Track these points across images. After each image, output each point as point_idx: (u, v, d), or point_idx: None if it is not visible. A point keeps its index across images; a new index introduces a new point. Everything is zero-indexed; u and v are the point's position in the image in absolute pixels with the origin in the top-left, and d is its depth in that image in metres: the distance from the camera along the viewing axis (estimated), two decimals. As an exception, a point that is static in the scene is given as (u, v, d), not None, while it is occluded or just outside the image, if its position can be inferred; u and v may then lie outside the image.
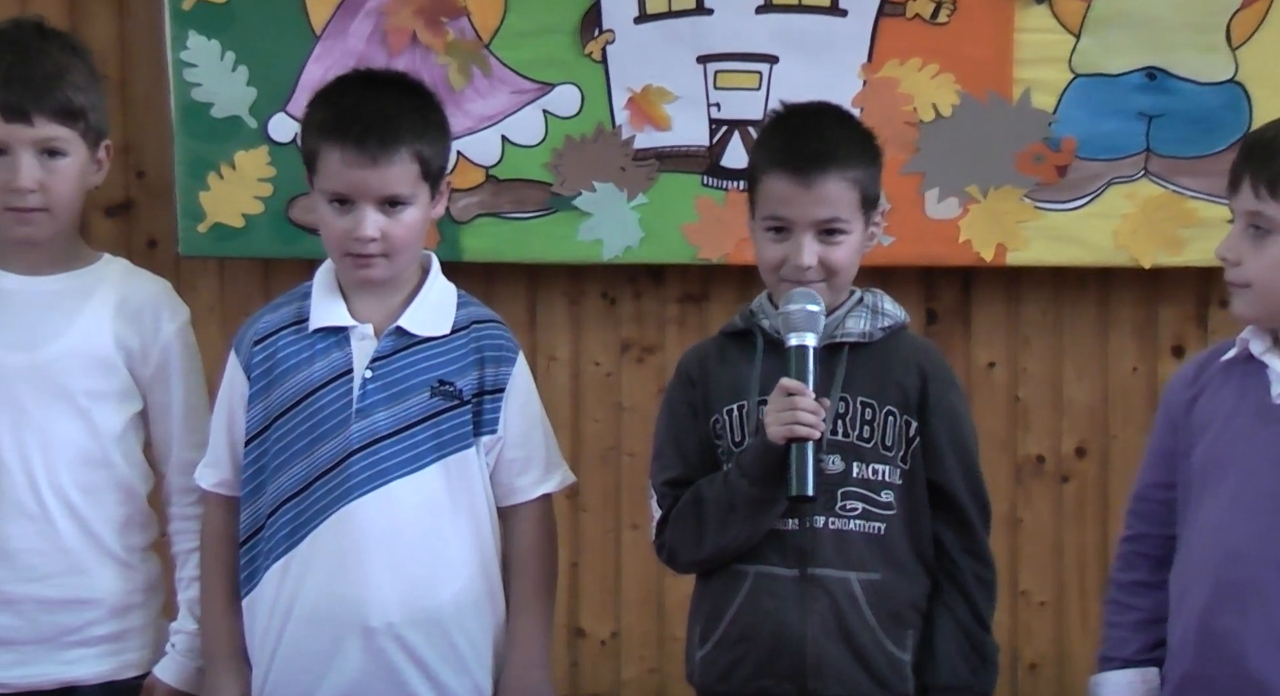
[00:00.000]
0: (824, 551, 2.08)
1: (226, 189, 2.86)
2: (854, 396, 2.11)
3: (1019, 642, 2.95)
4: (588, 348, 2.96)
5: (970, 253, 2.86)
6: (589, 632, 3.00)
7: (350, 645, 2.11)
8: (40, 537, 2.17)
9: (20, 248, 2.20)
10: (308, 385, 2.14)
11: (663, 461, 2.19)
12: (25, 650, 2.18)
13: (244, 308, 2.92)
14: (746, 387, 2.13)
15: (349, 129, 2.09)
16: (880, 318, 2.15)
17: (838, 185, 2.09)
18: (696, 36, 2.83)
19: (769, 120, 2.21)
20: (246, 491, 2.16)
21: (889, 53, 2.83)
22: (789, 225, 2.10)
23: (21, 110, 2.14)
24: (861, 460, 2.10)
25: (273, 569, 2.13)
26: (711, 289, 2.95)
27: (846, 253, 2.11)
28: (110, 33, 2.89)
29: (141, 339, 2.24)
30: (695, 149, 2.86)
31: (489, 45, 2.85)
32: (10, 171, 2.14)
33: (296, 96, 2.84)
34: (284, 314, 2.19)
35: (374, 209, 2.09)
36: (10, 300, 2.20)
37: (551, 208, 2.88)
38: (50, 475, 2.18)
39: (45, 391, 2.18)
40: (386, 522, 2.12)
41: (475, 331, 2.18)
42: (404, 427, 2.12)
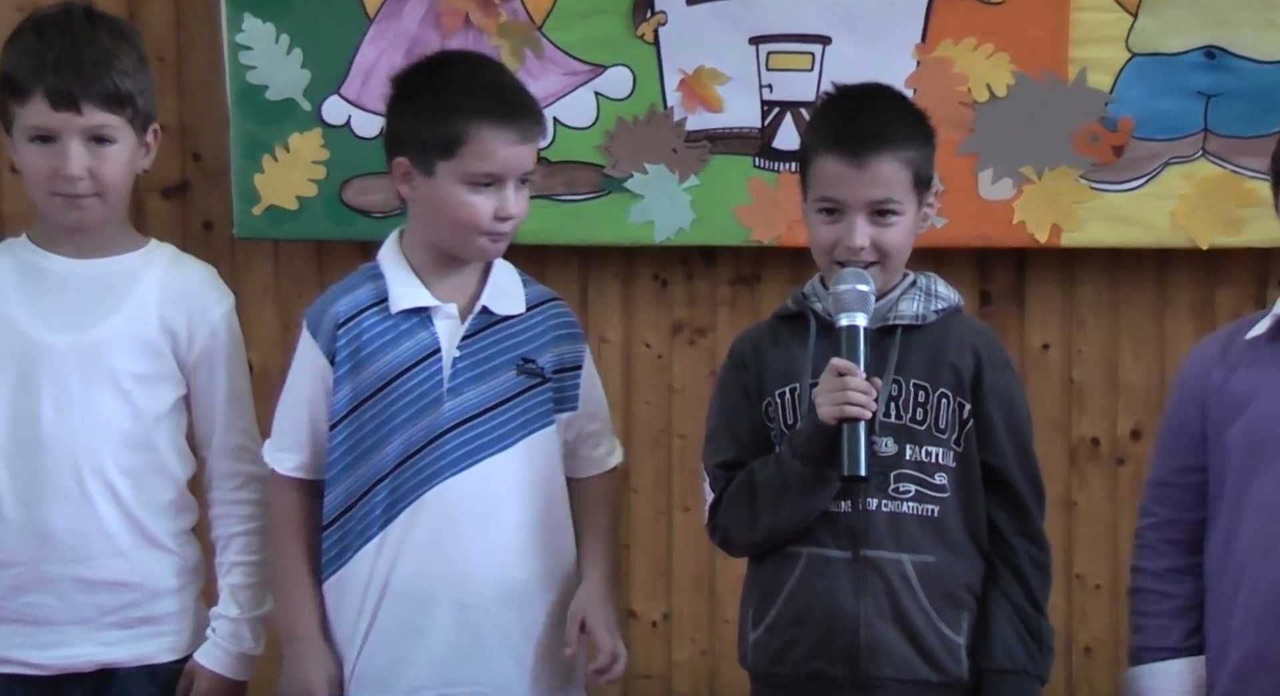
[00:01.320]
0: (877, 533, 2.08)
1: (281, 171, 2.87)
2: (907, 379, 2.10)
3: (1074, 626, 2.93)
4: (639, 329, 2.96)
5: (1024, 234, 2.84)
6: (640, 614, 3.01)
7: (444, 620, 2.14)
8: (80, 518, 2.19)
9: (69, 232, 2.22)
10: (396, 366, 2.16)
11: (715, 444, 2.19)
12: (63, 630, 2.20)
13: (298, 289, 2.95)
14: (799, 370, 2.13)
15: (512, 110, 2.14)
16: (934, 300, 2.14)
17: (890, 165, 2.09)
18: (749, 17, 2.82)
19: (820, 102, 2.21)
20: (334, 473, 2.17)
21: (943, 33, 2.81)
22: (841, 207, 2.10)
23: (70, 98, 2.14)
24: (915, 442, 2.10)
25: (366, 547, 2.15)
26: (763, 271, 2.94)
27: (899, 234, 2.10)
28: (167, 16, 2.91)
29: (188, 323, 2.25)
30: (747, 130, 2.86)
31: (541, 27, 2.85)
32: (60, 159, 2.15)
33: (350, 79, 2.85)
34: (361, 296, 2.20)
35: (515, 187, 2.15)
36: (58, 282, 2.21)
37: (603, 190, 2.88)
38: (92, 456, 2.19)
39: (90, 372, 2.19)
40: (479, 500, 2.15)
41: (548, 309, 2.22)
42: (493, 405, 2.16)
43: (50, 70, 2.14)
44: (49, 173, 2.16)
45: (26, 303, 2.20)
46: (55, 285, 2.21)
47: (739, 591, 2.96)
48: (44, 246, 2.23)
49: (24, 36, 2.21)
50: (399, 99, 2.20)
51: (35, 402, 2.18)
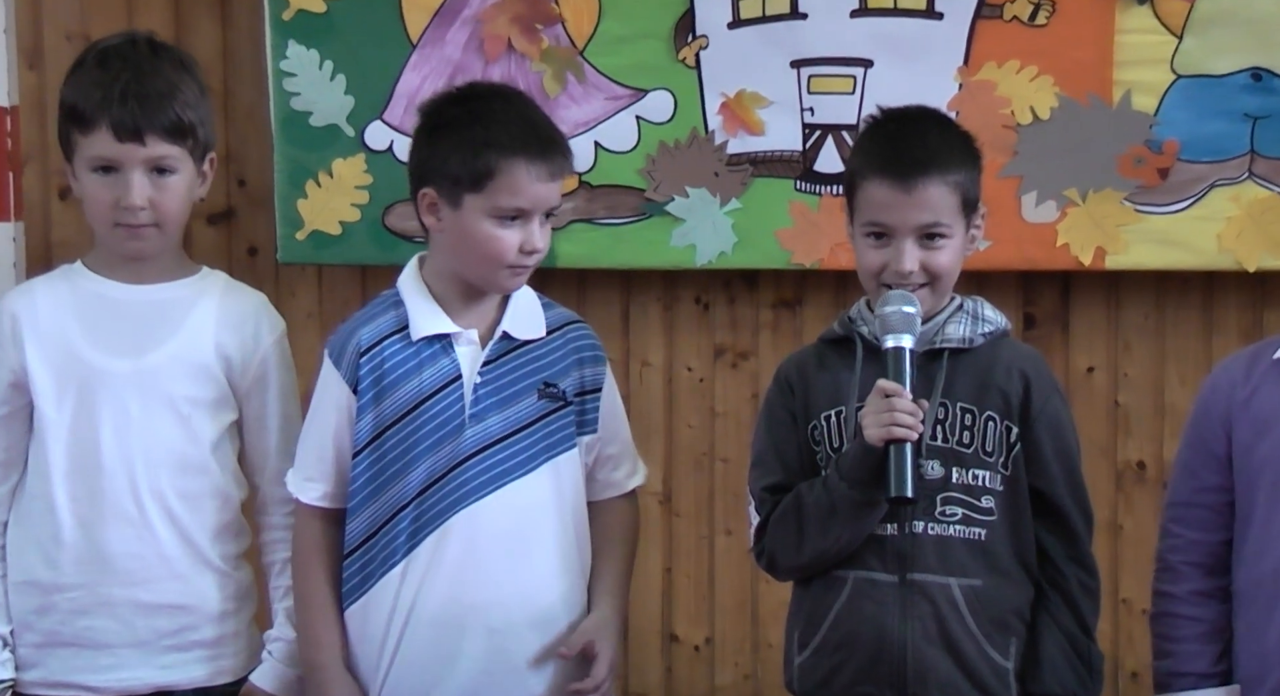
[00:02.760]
0: (924, 557, 2.08)
1: (324, 197, 2.89)
2: (954, 402, 2.09)
3: (1120, 651, 2.91)
4: (681, 353, 2.96)
5: (1069, 256, 2.83)
6: (683, 638, 3.00)
7: (473, 646, 2.15)
8: (139, 542, 2.21)
9: (127, 260, 2.24)
10: (418, 393, 2.16)
11: (762, 468, 2.19)
12: (121, 654, 2.22)
13: (342, 314, 2.94)
14: (846, 394, 2.13)
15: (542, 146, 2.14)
16: (981, 323, 2.13)
17: (938, 190, 2.08)
18: (790, 41, 2.83)
19: (867, 125, 2.21)
20: (357, 501, 2.18)
21: (986, 55, 2.80)
22: (889, 231, 2.10)
23: (135, 129, 2.18)
24: (961, 465, 2.09)
25: (390, 574, 2.16)
26: (805, 294, 2.93)
27: (948, 257, 2.10)
28: (213, 43, 2.94)
29: (241, 350, 2.27)
30: (789, 154, 2.85)
31: (583, 52, 2.86)
32: (122, 189, 2.18)
33: (393, 105, 2.87)
34: (383, 324, 2.21)
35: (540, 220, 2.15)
36: (116, 308, 2.24)
37: (645, 213, 2.88)
38: (151, 480, 2.21)
39: (148, 397, 2.22)
40: (503, 525, 2.15)
41: (568, 332, 2.22)
42: (515, 431, 2.16)
43: (116, 102, 2.17)
44: (111, 202, 2.19)
45: (85, 329, 2.23)
46: (113, 311, 2.24)
47: (782, 615, 2.95)
48: (100, 273, 2.26)
49: (88, 67, 2.23)
50: (427, 130, 2.19)
51: (95, 427, 2.20)
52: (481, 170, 2.13)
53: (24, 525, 2.23)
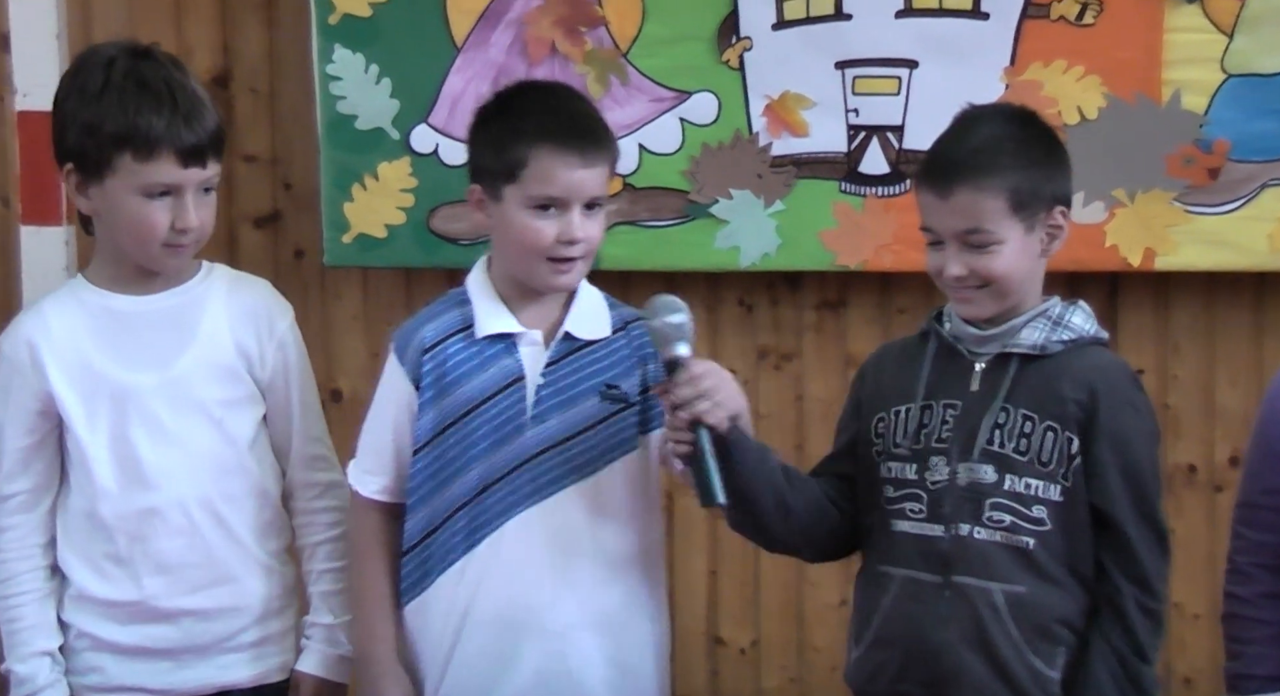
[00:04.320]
0: (968, 560, 2.06)
1: (370, 200, 2.91)
2: (1015, 408, 2.07)
3: (1172, 656, 2.88)
4: (724, 355, 2.95)
5: (1117, 257, 2.80)
6: (728, 641, 2.99)
7: (529, 648, 2.14)
8: (192, 551, 2.22)
9: (140, 271, 2.23)
10: (480, 392, 2.16)
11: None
12: (182, 658, 2.24)
13: (386, 316, 2.97)
14: (913, 390, 2.11)
15: (569, 132, 2.12)
16: (1061, 330, 2.09)
17: (971, 196, 2.04)
18: (835, 42, 2.82)
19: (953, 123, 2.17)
20: (417, 498, 2.18)
21: (1032, 55, 2.78)
22: (938, 236, 2.08)
23: (200, 155, 2.17)
24: (1015, 473, 2.06)
25: (448, 573, 2.16)
26: (850, 295, 2.92)
27: (1001, 262, 2.05)
28: (260, 47, 2.96)
29: (258, 341, 2.27)
30: (833, 155, 2.84)
31: (627, 54, 2.86)
32: (180, 211, 2.17)
33: (438, 108, 2.88)
34: (448, 321, 2.20)
35: (580, 211, 2.13)
36: (130, 322, 2.23)
37: (688, 215, 2.88)
38: (195, 488, 2.22)
39: (180, 407, 2.22)
40: (561, 528, 2.15)
41: (631, 331, 2.21)
42: (576, 433, 2.15)
43: (182, 128, 2.15)
44: (167, 225, 2.17)
45: (104, 346, 2.22)
46: (129, 325, 2.23)
47: (827, 618, 2.96)
48: (106, 287, 2.24)
49: (122, 89, 2.17)
50: (474, 127, 2.22)
51: (133, 444, 2.21)
52: (513, 159, 2.13)
53: (74, 544, 2.24)
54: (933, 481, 2.08)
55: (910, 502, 2.10)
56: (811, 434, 2.95)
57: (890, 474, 2.12)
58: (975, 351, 2.11)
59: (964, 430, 2.08)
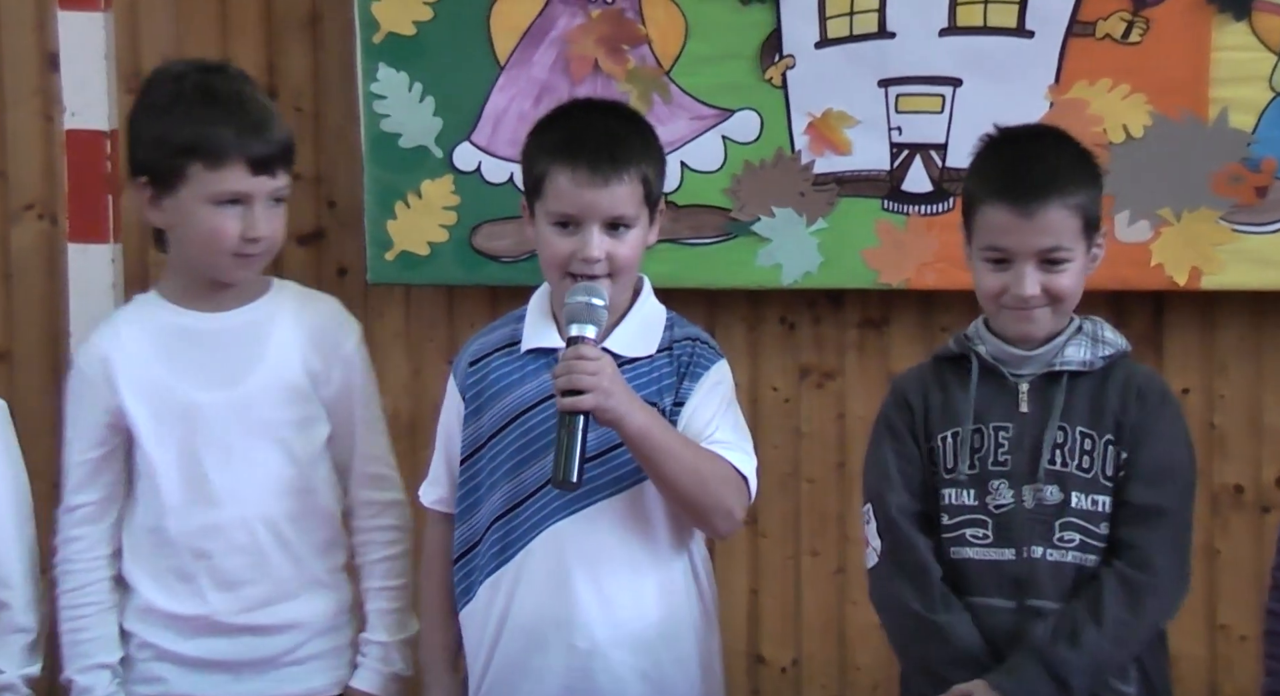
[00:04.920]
0: (1041, 583, 2.05)
1: (413, 217, 2.92)
2: (1073, 426, 2.07)
3: (1219, 677, 2.85)
4: (766, 373, 2.95)
5: (1162, 276, 2.78)
6: (769, 660, 2.98)
7: (556, 663, 2.16)
8: (255, 569, 2.25)
9: (210, 286, 2.27)
10: (518, 406, 2.18)
11: (888, 484, 2.15)
12: (240, 670, 2.27)
13: (429, 334, 2.99)
14: (961, 414, 2.11)
15: (580, 150, 2.13)
16: (1100, 346, 2.11)
17: (1058, 213, 2.06)
18: (878, 60, 2.81)
19: (983, 145, 2.18)
20: (461, 508, 2.22)
21: (1078, 73, 2.77)
22: (1009, 255, 2.07)
23: (268, 165, 2.21)
24: (1080, 491, 2.06)
25: (485, 584, 2.19)
26: (892, 314, 2.91)
27: (1070, 280, 2.08)
28: (304, 66, 2.98)
29: (324, 360, 2.30)
30: (876, 173, 2.84)
31: (669, 72, 2.86)
32: (250, 221, 2.21)
33: (481, 126, 2.89)
34: (498, 336, 2.24)
35: (600, 230, 2.12)
36: (201, 340, 2.26)
37: (730, 233, 2.87)
38: (260, 507, 2.25)
39: (247, 426, 2.25)
40: (593, 543, 2.15)
41: (679, 348, 2.20)
42: (609, 449, 2.15)
43: (251, 138, 2.19)
44: (238, 234, 2.21)
45: (174, 364, 2.25)
46: (197, 343, 2.26)
47: (870, 637, 2.94)
48: (178, 303, 2.28)
49: (193, 102, 2.22)
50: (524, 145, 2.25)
51: (200, 462, 2.24)
52: (537, 177, 2.16)
53: (140, 558, 2.27)
54: (996, 505, 2.08)
55: (972, 528, 2.09)
56: (853, 452, 2.93)
57: (947, 500, 2.11)
58: (1017, 372, 2.11)
59: (1023, 452, 2.08)
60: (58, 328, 2.95)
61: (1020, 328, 2.10)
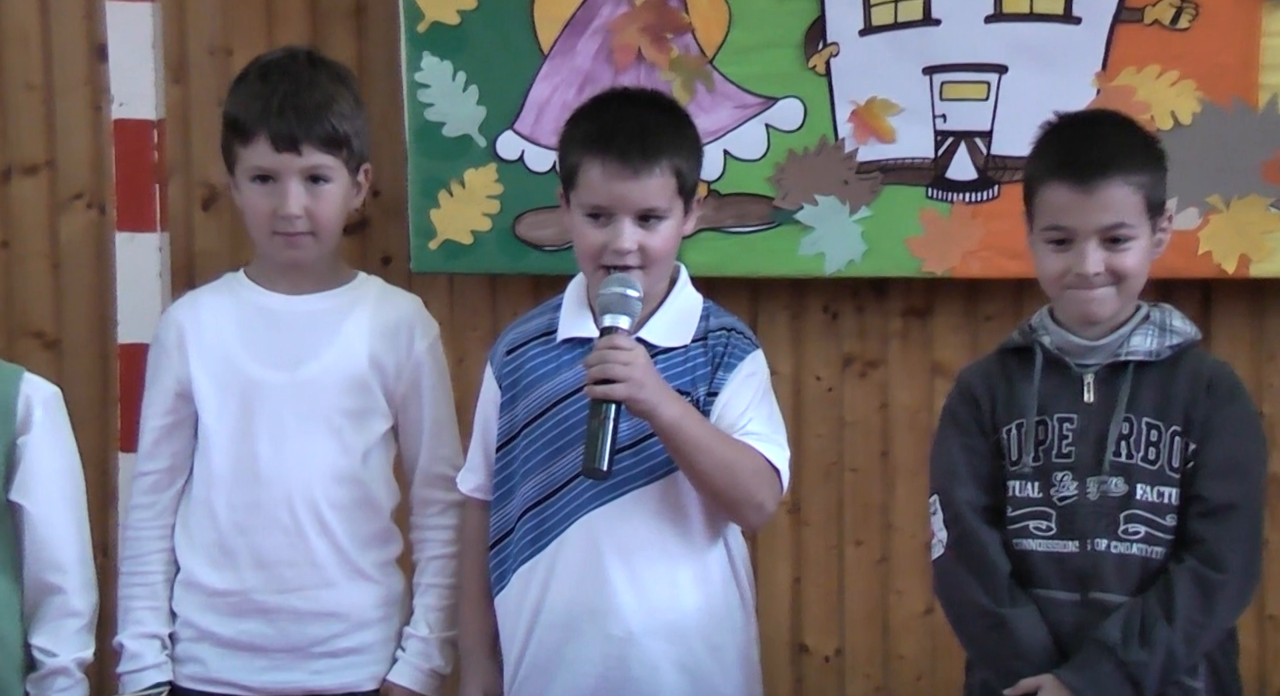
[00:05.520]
0: (1105, 576, 2.04)
1: (456, 206, 2.92)
2: (1139, 417, 2.06)
3: (1267, 669, 2.83)
4: (809, 362, 2.94)
5: (1211, 264, 2.75)
6: (812, 649, 2.98)
7: (591, 652, 2.16)
8: (294, 551, 2.27)
9: (285, 269, 2.30)
10: (553, 395, 2.19)
11: (956, 478, 2.14)
12: (276, 657, 2.29)
13: (472, 322, 3.00)
14: (1026, 405, 2.09)
15: (611, 142, 2.13)
16: (1169, 335, 2.09)
17: (1120, 190, 2.04)
18: (923, 47, 2.79)
19: (1043, 131, 2.16)
20: (496, 496, 2.23)
21: (1125, 60, 2.74)
22: (1071, 235, 2.06)
23: (291, 140, 2.23)
24: (1146, 483, 2.05)
25: (519, 571, 2.20)
26: (936, 302, 2.90)
27: (1134, 259, 2.06)
28: (349, 56, 2.98)
29: (395, 357, 2.32)
30: (920, 161, 2.82)
31: (713, 61, 2.86)
32: (279, 198, 2.24)
33: (524, 114, 2.90)
34: (535, 325, 2.25)
35: (632, 222, 2.12)
36: (274, 319, 2.30)
37: (773, 222, 2.87)
38: (305, 491, 2.27)
39: (303, 409, 2.27)
40: (626, 532, 2.16)
41: (714, 338, 2.20)
42: (642, 439, 2.15)
43: (274, 114, 2.23)
44: (270, 211, 2.24)
45: (245, 340, 2.29)
46: (271, 322, 2.29)
47: (913, 627, 2.93)
48: (260, 283, 2.32)
49: (249, 81, 2.30)
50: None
51: (253, 438, 2.26)
52: (570, 168, 2.17)
53: (188, 529, 2.30)
54: (1060, 497, 2.07)
55: (1035, 521, 2.08)
56: (897, 442, 2.93)
57: (1012, 492, 2.11)
58: (1082, 363, 2.09)
59: (1088, 443, 2.07)
60: (105, 316, 2.98)
61: (1084, 308, 2.08)
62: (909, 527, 2.92)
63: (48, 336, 3.03)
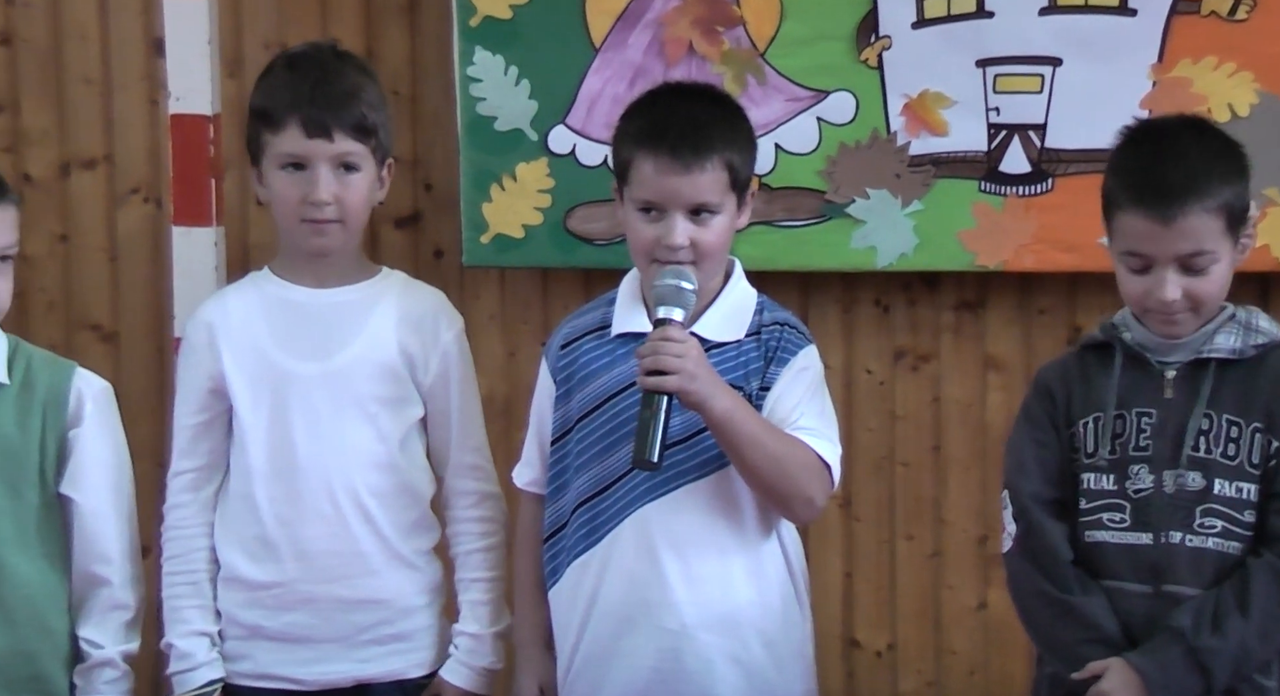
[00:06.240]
0: (1179, 569, 2.03)
1: (508, 200, 2.93)
2: (1219, 413, 2.04)
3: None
4: (860, 356, 2.93)
5: (1269, 258, 2.73)
6: (864, 644, 2.97)
7: (645, 645, 2.17)
8: (335, 539, 2.28)
9: (310, 261, 2.31)
10: (607, 390, 2.19)
11: (1026, 474, 2.14)
12: (323, 647, 2.29)
13: (523, 316, 3.01)
14: (1104, 400, 2.09)
15: (663, 137, 2.13)
16: (1254, 334, 2.08)
17: (1199, 219, 2.02)
18: (976, 40, 2.78)
19: (1121, 140, 2.13)
20: (550, 489, 2.24)
21: (1182, 52, 2.72)
22: (1150, 261, 2.04)
23: (323, 126, 2.25)
24: (1224, 478, 2.04)
25: (574, 565, 2.20)
26: (988, 296, 2.88)
27: (1214, 284, 2.05)
28: (402, 51, 3.01)
29: (423, 347, 2.32)
30: (973, 154, 2.81)
31: (764, 54, 2.85)
32: (310, 184, 2.26)
33: (575, 108, 2.90)
34: (589, 319, 2.25)
35: (684, 216, 2.13)
36: (301, 312, 2.31)
37: (825, 215, 2.86)
38: (345, 478, 2.28)
39: (338, 398, 2.28)
40: (679, 526, 2.16)
41: (765, 334, 2.20)
42: (694, 433, 2.15)
43: (306, 101, 2.25)
44: (299, 198, 2.26)
45: (274, 333, 2.30)
46: (299, 315, 2.31)
47: (965, 622, 2.92)
48: (286, 277, 2.34)
49: (277, 71, 2.33)
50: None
51: (289, 428, 2.27)
52: (622, 162, 2.17)
53: (228, 524, 2.31)
54: (1135, 490, 2.07)
55: (1109, 512, 2.08)
56: (949, 436, 2.92)
57: (1085, 484, 2.10)
58: (1164, 360, 2.09)
59: (1166, 437, 2.06)
60: (162, 309, 3.01)
61: (1165, 329, 2.09)
62: (961, 522, 2.91)
63: (105, 329, 3.07)
